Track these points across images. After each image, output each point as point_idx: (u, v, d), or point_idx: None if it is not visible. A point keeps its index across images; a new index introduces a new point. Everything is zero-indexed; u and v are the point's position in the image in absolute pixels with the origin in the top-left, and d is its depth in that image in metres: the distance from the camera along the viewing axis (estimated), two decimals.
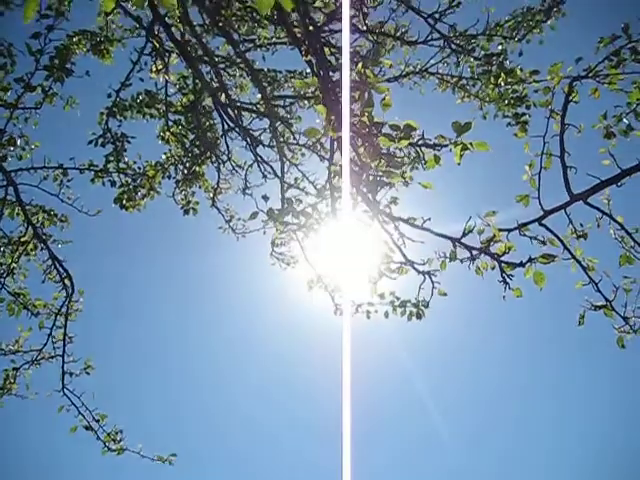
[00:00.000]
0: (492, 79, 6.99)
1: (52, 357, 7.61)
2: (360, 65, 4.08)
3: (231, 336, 11.57)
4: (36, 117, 7.11)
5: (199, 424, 12.07)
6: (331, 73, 4.44)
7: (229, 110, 6.99)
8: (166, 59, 7.16)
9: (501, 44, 7.29)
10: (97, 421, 7.58)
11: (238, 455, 11.97)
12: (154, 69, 7.22)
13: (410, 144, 4.01)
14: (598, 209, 4.90)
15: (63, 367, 7.55)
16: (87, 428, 7.56)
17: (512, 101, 7.15)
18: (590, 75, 5.31)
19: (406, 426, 12.00)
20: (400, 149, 4.17)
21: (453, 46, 7.35)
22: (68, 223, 7.68)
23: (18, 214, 7.36)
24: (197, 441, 11.67)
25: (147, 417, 11.45)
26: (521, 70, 7.06)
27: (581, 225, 5.14)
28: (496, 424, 12.38)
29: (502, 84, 6.91)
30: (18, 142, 7.13)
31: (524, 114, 7.07)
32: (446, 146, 4.08)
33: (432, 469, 12.08)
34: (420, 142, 4.18)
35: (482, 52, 7.38)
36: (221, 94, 7.05)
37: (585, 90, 5.40)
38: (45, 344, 7.56)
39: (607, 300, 5.07)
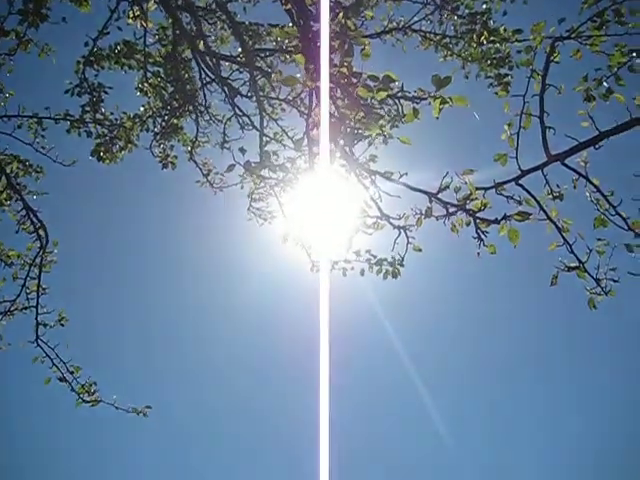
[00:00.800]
0: (475, 37, 6.93)
1: (26, 308, 7.56)
2: (341, 15, 4.02)
3: (208, 290, 11.56)
4: (10, 64, 6.97)
5: (175, 378, 12.11)
6: (312, 23, 4.36)
7: (208, 60, 6.87)
8: (144, 5, 6.99)
9: (485, 3, 7.20)
10: (71, 373, 7.56)
11: (214, 408, 12.06)
12: (131, 15, 7.04)
13: (389, 96, 3.97)
14: (575, 171, 4.90)
15: (37, 318, 7.52)
16: (61, 380, 7.55)
17: (495, 61, 7.12)
18: (573, 36, 5.28)
19: (383, 382, 12.13)
20: (379, 102, 4.13)
21: (437, 2, 7.25)
22: (43, 174, 7.57)
23: None
24: (173, 395, 11.71)
25: (122, 370, 11.47)
26: (505, 30, 7.02)
27: (557, 186, 5.14)
28: (471, 380, 12.55)
29: (485, 43, 6.87)
30: None
31: (506, 75, 7.06)
32: (425, 99, 4.05)
33: (409, 424, 12.27)
34: (399, 94, 4.14)
35: (466, 11, 7.30)
36: (199, 42, 6.93)
37: (567, 51, 5.38)
38: (19, 295, 7.51)
39: (580, 262, 5.11)
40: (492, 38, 6.68)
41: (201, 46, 6.92)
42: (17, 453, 11.05)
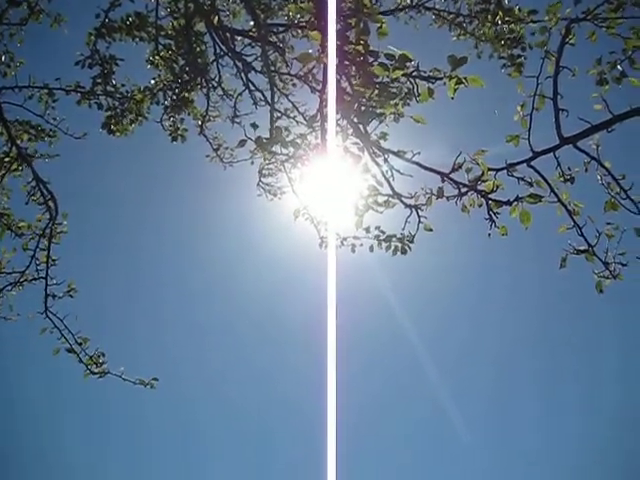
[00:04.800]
0: (490, 17, 6.88)
1: (35, 279, 7.61)
2: None
3: (217, 266, 11.60)
4: (21, 34, 6.96)
5: (182, 351, 12.20)
6: None
7: (221, 33, 6.84)
8: None
9: None
10: (79, 344, 7.60)
11: (220, 384, 12.16)
12: None
13: (404, 75, 3.96)
14: (587, 154, 4.90)
15: (46, 289, 7.55)
16: (69, 351, 7.59)
17: (508, 42, 7.08)
18: (589, 18, 5.23)
19: (390, 362, 12.21)
20: (394, 81, 4.12)
21: None
22: (56, 138, 7.56)
23: (2, 133, 7.24)
24: (180, 368, 11.80)
25: (131, 342, 11.57)
26: (519, 10, 6.97)
27: (569, 169, 5.14)
28: (479, 362, 12.61)
29: (499, 23, 6.82)
30: (2, 58, 6.99)
31: (520, 56, 7.02)
32: (440, 79, 4.04)
33: (416, 407, 12.36)
34: (414, 74, 4.13)
35: None
36: (214, 17, 6.89)
37: (582, 33, 5.34)
38: (28, 266, 7.54)
39: (589, 245, 5.13)
40: (507, 18, 6.62)
41: (215, 21, 6.88)
42: (23, 429, 11.20)
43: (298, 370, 11.39)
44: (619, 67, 5.24)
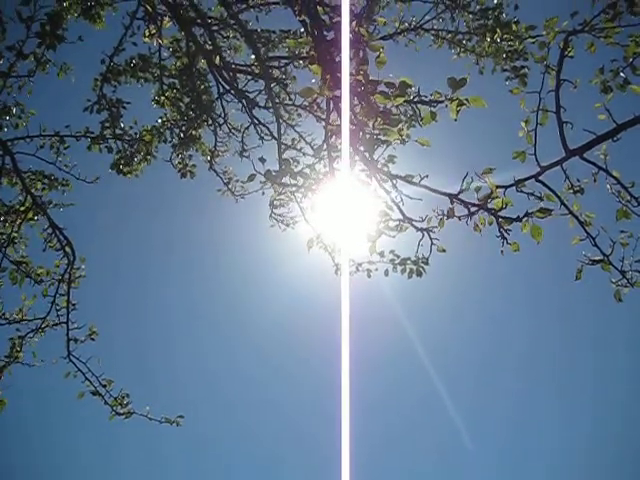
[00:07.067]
0: (488, 33, 6.93)
1: (56, 324, 7.67)
2: (354, 23, 4.06)
3: (233, 299, 11.66)
4: (30, 85, 7.09)
5: (202, 386, 12.23)
6: (325, 32, 4.41)
7: (224, 72, 6.95)
8: (159, 22, 7.09)
9: None
10: (104, 386, 7.65)
11: (239, 413, 12.18)
12: (147, 33, 7.16)
13: (406, 101, 4.00)
14: (594, 164, 4.90)
15: (68, 334, 7.62)
16: (94, 394, 7.64)
17: (509, 54, 7.12)
18: (586, 29, 5.25)
19: (405, 386, 12.17)
20: (396, 107, 4.16)
21: (447, 1, 7.27)
22: (69, 187, 7.68)
23: (16, 183, 7.37)
24: (200, 403, 11.83)
25: (151, 381, 11.61)
26: (516, 23, 7.01)
27: (578, 180, 5.14)
28: (495, 382, 12.54)
29: (499, 40, 6.86)
30: (13, 111, 7.12)
31: (523, 67, 7.04)
32: (442, 102, 4.07)
33: (430, 427, 12.28)
34: (416, 99, 4.17)
35: (478, 7, 7.30)
36: (215, 56, 7.00)
37: (581, 44, 5.36)
38: (49, 312, 7.62)
39: (604, 255, 5.11)
40: (505, 35, 6.66)
41: (217, 60, 6.99)
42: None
43: (313, 395, 11.39)
44: (622, 74, 5.26)
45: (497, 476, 12.02)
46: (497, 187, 4.62)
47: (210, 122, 8.07)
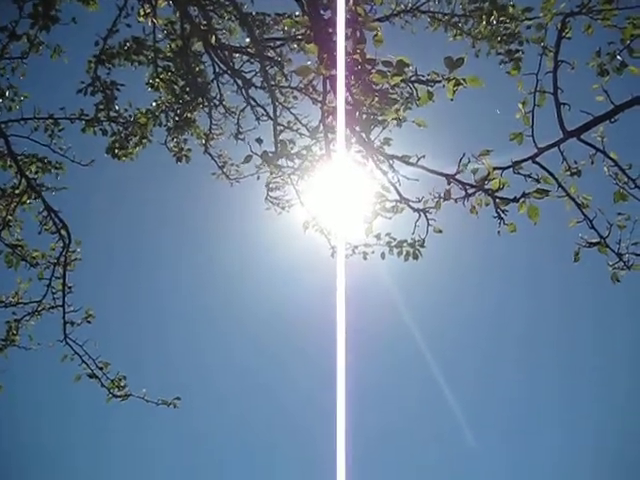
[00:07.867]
0: (484, 16, 6.89)
1: (52, 308, 7.66)
2: (351, 2, 4.03)
3: (228, 282, 11.65)
4: (23, 67, 7.03)
5: (197, 369, 12.25)
6: (322, 11, 4.38)
7: (219, 52, 6.90)
8: (153, 1, 7.02)
9: None
10: (100, 369, 7.67)
11: (233, 396, 12.20)
12: (142, 12, 7.08)
13: (403, 80, 3.98)
14: (592, 146, 4.89)
15: (64, 317, 7.62)
16: (91, 376, 7.66)
17: (505, 38, 7.08)
18: (583, 11, 5.23)
19: (401, 371, 12.19)
20: (393, 87, 4.15)
21: None
22: (63, 170, 7.63)
23: (10, 166, 7.33)
24: (194, 385, 11.84)
25: (147, 362, 11.62)
26: (513, 6, 6.97)
27: (575, 162, 5.13)
28: (494, 366, 12.56)
29: (494, 22, 6.83)
30: (7, 93, 7.07)
31: (517, 51, 7.02)
32: (439, 82, 4.06)
33: (428, 412, 12.32)
34: (413, 78, 4.16)
35: None
36: (211, 37, 6.95)
37: (579, 26, 5.34)
38: (45, 295, 7.62)
39: (601, 237, 5.11)
40: (501, 18, 6.63)
41: (213, 40, 6.94)
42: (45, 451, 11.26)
43: (308, 381, 11.42)
44: (619, 57, 5.23)
45: (496, 467, 12.05)
46: (494, 169, 4.62)
47: (205, 104, 8.02)
